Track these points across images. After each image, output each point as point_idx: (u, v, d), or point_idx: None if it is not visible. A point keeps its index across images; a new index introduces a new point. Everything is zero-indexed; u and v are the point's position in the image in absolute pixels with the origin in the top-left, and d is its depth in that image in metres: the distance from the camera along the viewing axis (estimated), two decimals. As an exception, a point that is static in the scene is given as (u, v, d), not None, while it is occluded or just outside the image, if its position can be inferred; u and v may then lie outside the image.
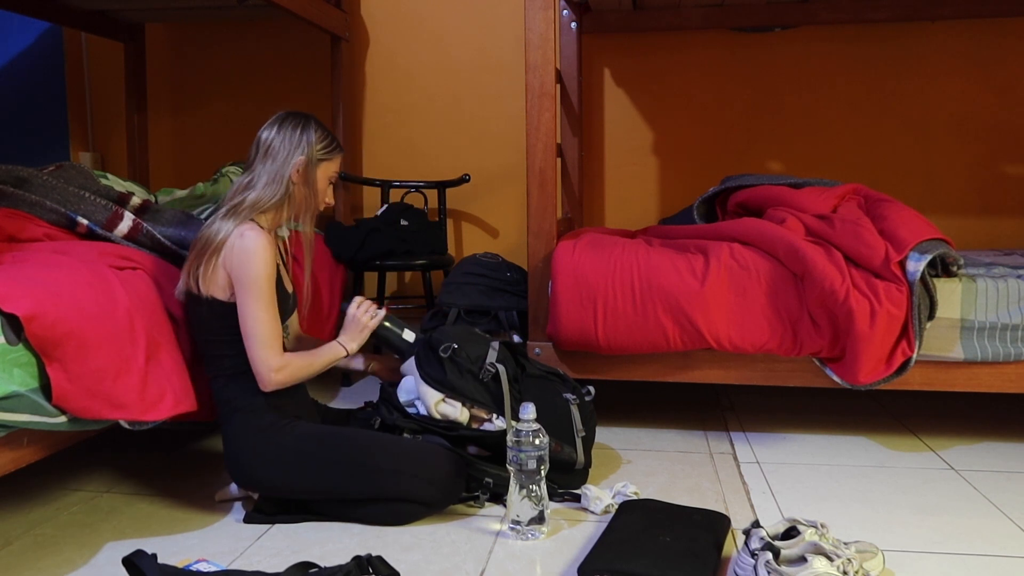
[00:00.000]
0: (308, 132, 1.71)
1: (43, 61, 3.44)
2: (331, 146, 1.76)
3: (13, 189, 1.94)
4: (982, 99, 2.99)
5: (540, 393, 1.84)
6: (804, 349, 2.05)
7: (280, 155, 1.69)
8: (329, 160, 1.76)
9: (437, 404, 1.77)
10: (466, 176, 3.06)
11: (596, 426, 1.94)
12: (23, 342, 1.40)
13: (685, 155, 3.16)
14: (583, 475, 1.85)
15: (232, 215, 1.66)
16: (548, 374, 1.93)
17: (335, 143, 1.77)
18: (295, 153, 1.69)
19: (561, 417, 1.83)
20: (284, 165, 1.69)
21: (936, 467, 1.98)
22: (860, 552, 1.41)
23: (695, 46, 3.12)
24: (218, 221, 1.66)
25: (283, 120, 1.72)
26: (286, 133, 1.70)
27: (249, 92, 3.36)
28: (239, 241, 1.62)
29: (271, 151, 1.69)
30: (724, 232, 2.22)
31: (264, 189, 1.67)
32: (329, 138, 1.76)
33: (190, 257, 1.68)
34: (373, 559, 1.34)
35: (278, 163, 1.69)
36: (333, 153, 1.76)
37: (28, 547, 1.57)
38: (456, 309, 2.46)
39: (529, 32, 2.18)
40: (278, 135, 1.70)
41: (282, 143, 1.69)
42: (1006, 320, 2.00)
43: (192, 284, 1.66)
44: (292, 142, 1.69)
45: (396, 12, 3.24)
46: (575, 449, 1.81)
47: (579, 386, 1.93)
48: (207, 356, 1.71)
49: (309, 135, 1.71)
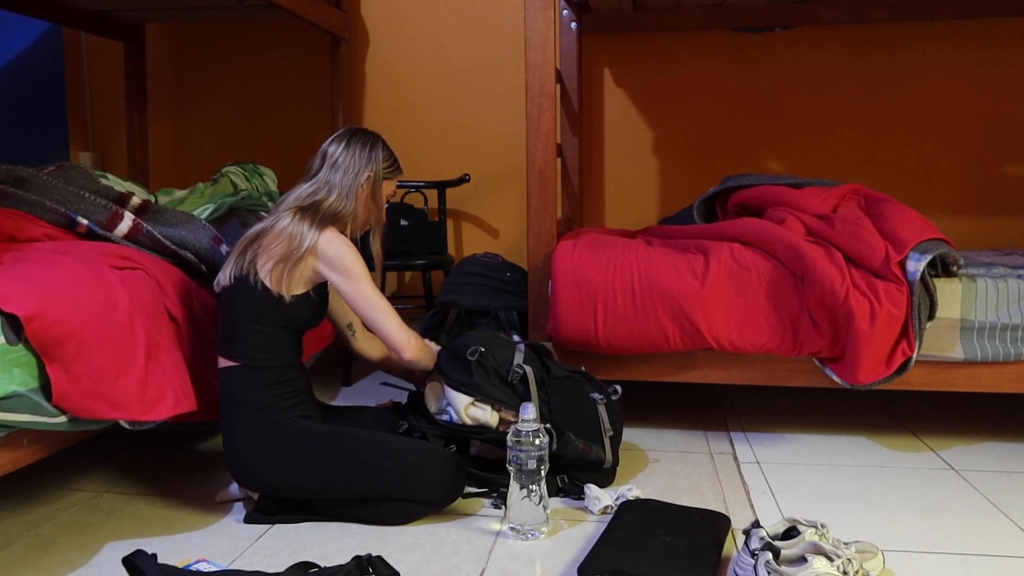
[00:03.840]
0: (376, 150, 1.81)
1: (43, 61, 3.44)
2: (394, 165, 1.86)
3: (13, 189, 1.93)
4: (982, 99, 2.99)
5: (567, 394, 1.86)
6: (804, 349, 2.05)
7: (350, 170, 1.77)
8: (391, 179, 1.86)
9: (467, 408, 1.79)
10: (466, 176, 3.06)
11: (625, 424, 1.94)
12: (23, 342, 1.40)
13: (685, 155, 3.16)
14: (611, 474, 1.86)
15: (308, 220, 1.71)
16: (573, 374, 1.93)
17: (397, 163, 1.88)
18: (364, 169, 1.78)
19: (588, 417, 1.84)
20: (354, 180, 1.77)
21: (936, 467, 1.98)
22: (860, 552, 1.41)
23: (695, 46, 3.12)
24: (292, 223, 1.70)
25: (351, 136, 1.80)
26: (355, 149, 1.79)
27: (249, 92, 3.36)
28: (333, 245, 1.70)
29: (338, 165, 1.77)
30: (724, 232, 2.22)
31: (337, 201, 1.74)
32: (393, 158, 1.86)
33: (248, 249, 1.71)
34: (373, 559, 1.34)
35: (348, 177, 1.76)
36: (395, 173, 1.87)
37: (28, 547, 1.57)
38: (456, 309, 2.46)
39: (529, 32, 2.18)
40: (347, 151, 1.78)
41: (351, 159, 1.77)
42: (1006, 320, 2.00)
43: (247, 272, 1.69)
44: (361, 159, 1.78)
45: (396, 12, 3.24)
46: (603, 448, 1.82)
47: (605, 385, 1.93)
48: (231, 340, 1.70)
49: (376, 153, 1.81)
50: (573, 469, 1.81)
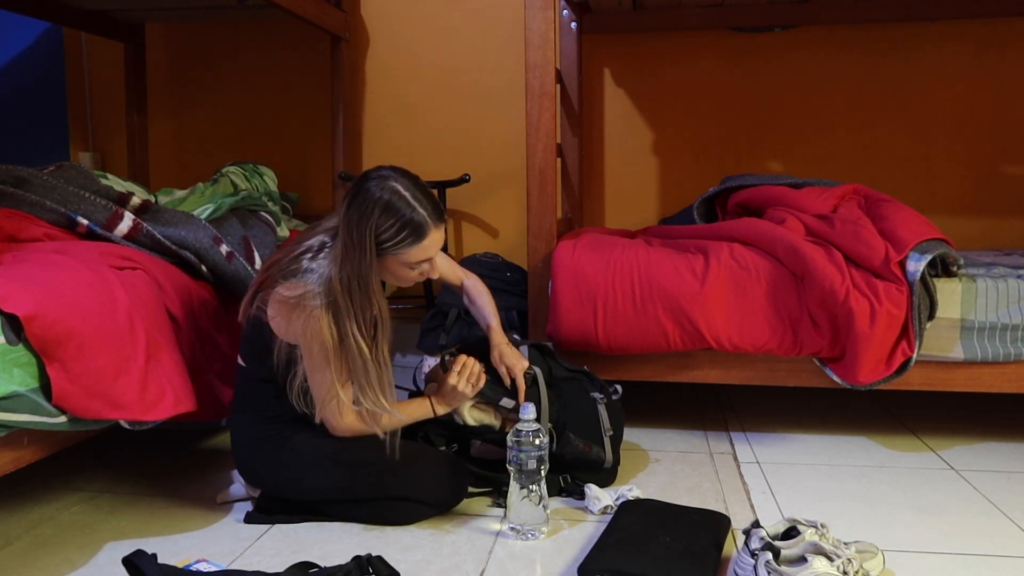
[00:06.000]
0: (369, 220, 1.52)
1: (43, 61, 3.44)
2: (402, 235, 1.54)
3: (13, 189, 1.93)
4: (982, 99, 2.99)
5: (569, 394, 1.86)
6: (804, 349, 2.05)
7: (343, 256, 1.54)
8: (400, 253, 1.57)
9: (470, 410, 1.79)
10: (466, 176, 3.06)
11: (624, 424, 1.94)
12: (23, 342, 1.40)
13: (685, 155, 3.16)
14: (612, 473, 1.86)
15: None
16: (575, 373, 1.94)
17: (409, 228, 1.53)
18: (360, 254, 1.53)
19: (589, 416, 1.84)
20: (340, 270, 1.54)
21: (936, 467, 1.98)
22: (860, 552, 1.41)
23: (695, 46, 3.11)
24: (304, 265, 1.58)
25: (350, 202, 1.56)
26: (351, 222, 1.54)
27: (249, 92, 3.36)
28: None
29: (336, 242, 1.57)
30: (724, 232, 2.22)
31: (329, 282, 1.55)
32: (398, 225, 1.53)
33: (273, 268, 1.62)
34: (373, 559, 1.34)
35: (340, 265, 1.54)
36: (403, 245, 1.55)
37: (28, 547, 1.57)
38: (456, 309, 2.46)
39: (529, 32, 2.18)
40: (344, 225, 1.55)
41: (347, 237, 1.54)
42: (1006, 320, 2.00)
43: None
44: (356, 238, 1.53)
45: (396, 12, 3.23)
46: (603, 448, 1.82)
47: (606, 385, 1.93)
48: (253, 343, 1.64)
49: (369, 226, 1.53)
50: (574, 469, 1.82)
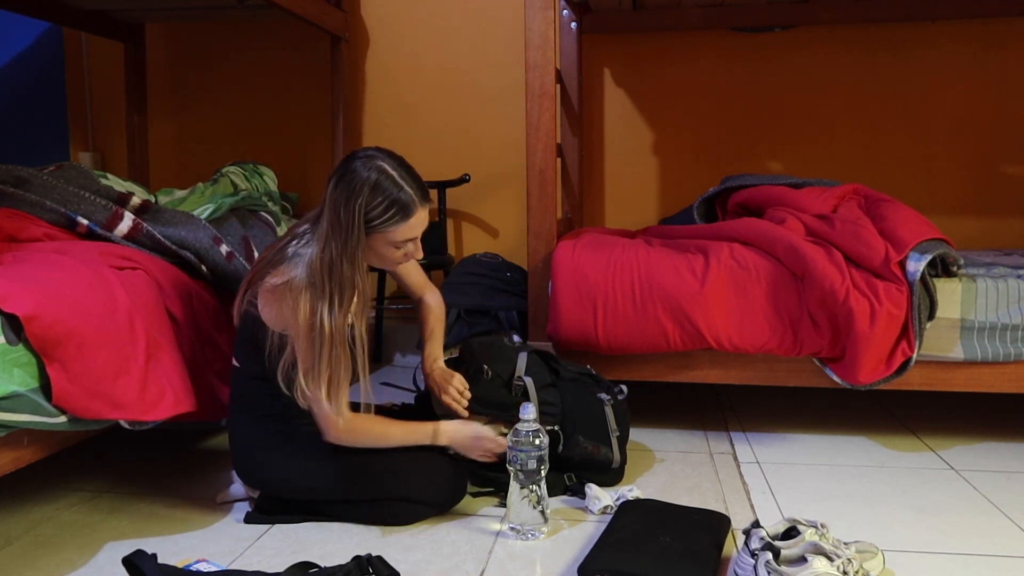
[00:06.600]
0: (358, 199, 1.54)
1: (43, 61, 3.44)
2: (388, 213, 1.57)
3: (13, 189, 1.93)
4: (982, 99, 2.99)
5: (575, 396, 1.87)
6: (804, 349, 2.05)
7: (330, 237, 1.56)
8: (388, 231, 1.59)
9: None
10: (466, 176, 3.06)
11: (630, 424, 1.95)
12: (23, 342, 1.40)
13: (685, 155, 3.16)
14: (619, 473, 1.87)
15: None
16: (581, 375, 1.94)
17: (396, 206, 1.57)
18: (347, 233, 1.55)
19: (596, 417, 1.85)
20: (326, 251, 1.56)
21: (936, 467, 1.98)
22: (860, 552, 1.41)
23: (695, 46, 3.12)
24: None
25: (338, 180, 1.57)
26: (338, 202, 1.55)
27: (249, 92, 3.36)
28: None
29: (322, 218, 1.59)
30: (724, 232, 2.22)
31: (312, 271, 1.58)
32: (386, 203, 1.56)
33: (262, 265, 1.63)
34: (373, 559, 1.34)
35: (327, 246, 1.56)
36: (391, 223, 1.58)
37: (28, 547, 1.57)
38: (456, 309, 2.46)
39: (529, 32, 2.18)
40: (330, 204, 1.57)
41: (334, 216, 1.56)
42: (1006, 320, 2.00)
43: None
44: (344, 219, 1.55)
45: (396, 12, 3.23)
46: (611, 448, 1.83)
47: (612, 385, 1.94)
48: (249, 345, 1.64)
49: (359, 205, 1.55)
50: (582, 469, 1.83)
